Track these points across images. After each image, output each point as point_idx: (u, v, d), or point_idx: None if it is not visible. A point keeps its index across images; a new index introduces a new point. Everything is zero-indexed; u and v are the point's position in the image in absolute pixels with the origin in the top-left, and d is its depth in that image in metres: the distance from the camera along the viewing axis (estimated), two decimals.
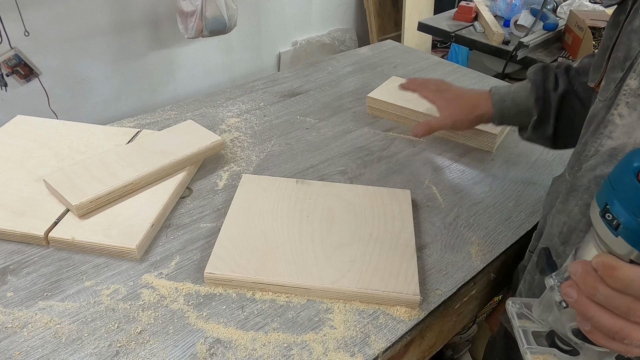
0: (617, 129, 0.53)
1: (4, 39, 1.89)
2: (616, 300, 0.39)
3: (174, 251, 0.76)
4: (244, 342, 0.63)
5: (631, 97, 0.51)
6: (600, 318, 0.41)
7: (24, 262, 0.73)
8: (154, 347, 0.62)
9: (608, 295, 0.39)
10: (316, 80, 1.33)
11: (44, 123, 1.01)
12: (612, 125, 0.53)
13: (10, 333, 0.63)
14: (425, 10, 3.34)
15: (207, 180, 0.92)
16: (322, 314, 0.67)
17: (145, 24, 2.36)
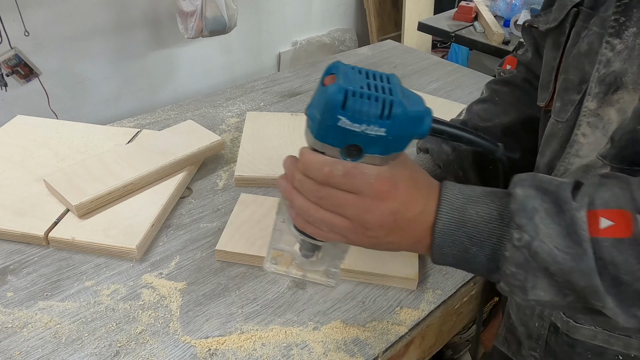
0: (583, 147, 0.56)
1: (4, 39, 1.89)
2: (304, 183, 0.46)
3: (174, 251, 0.76)
4: (244, 342, 0.63)
5: (591, 117, 0.55)
6: (296, 201, 0.48)
7: (24, 262, 0.73)
8: (154, 347, 0.62)
9: (299, 179, 0.46)
10: (316, 80, 1.33)
11: (44, 123, 1.01)
12: (577, 145, 0.57)
13: (10, 333, 0.63)
14: (425, 10, 3.34)
15: (207, 180, 0.92)
16: (322, 314, 0.67)
17: (145, 24, 2.36)
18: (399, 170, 0.46)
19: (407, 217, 0.47)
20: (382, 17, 3.35)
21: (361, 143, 0.42)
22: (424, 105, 0.44)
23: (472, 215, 0.45)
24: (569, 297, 0.43)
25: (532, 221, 0.42)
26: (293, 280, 0.72)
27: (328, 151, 0.44)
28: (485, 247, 0.45)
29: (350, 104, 0.40)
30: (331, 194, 0.46)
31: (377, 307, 0.69)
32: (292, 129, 1.05)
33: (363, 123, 0.41)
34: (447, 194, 0.47)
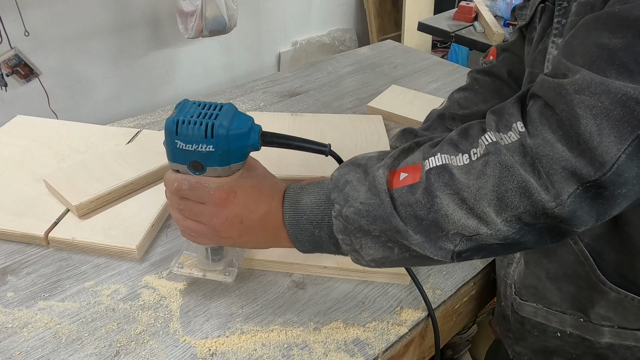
0: None
1: (4, 39, 1.89)
2: (170, 198, 0.57)
3: (174, 251, 0.76)
4: (244, 342, 0.63)
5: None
6: (171, 213, 0.58)
7: (24, 262, 0.73)
8: (154, 347, 0.62)
9: (168, 195, 0.57)
10: (316, 80, 1.33)
11: (44, 123, 1.01)
12: None
13: (10, 333, 0.63)
14: (425, 10, 3.34)
15: None
16: (322, 314, 0.67)
17: (145, 24, 2.36)
18: (241, 180, 0.55)
19: (253, 218, 0.55)
20: (382, 17, 3.35)
21: (200, 159, 0.53)
22: (249, 124, 0.53)
23: (308, 203, 0.54)
24: (395, 249, 0.50)
25: (342, 192, 0.51)
26: (293, 281, 0.72)
27: (180, 169, 0.55)
28: (323, 226, 0.53)
29: (181, 131, 0.51)
30: (187, 205, 0.55)
31: (377, 307, 0.69)
32: (292, 129, 1.05)
33: (193, 143, 0.51)
34: (289, 192, 0.56)
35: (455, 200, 0.45)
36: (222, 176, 0.54)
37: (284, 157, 0.95)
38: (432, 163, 0.47)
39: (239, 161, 0.54)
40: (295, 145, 0.57)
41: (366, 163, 0.52)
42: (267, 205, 0.55)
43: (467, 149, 0.46)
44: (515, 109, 0.45)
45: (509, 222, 0.44)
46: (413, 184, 0.47)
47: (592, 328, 0.62)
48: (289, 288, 0.71)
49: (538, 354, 0.70)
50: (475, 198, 0.44)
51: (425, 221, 0.47)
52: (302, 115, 1.10)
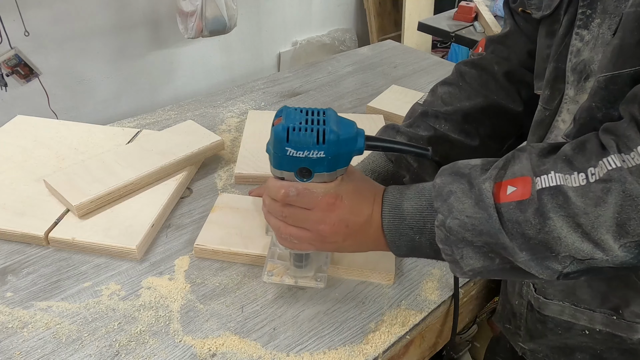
0: (562, 132, 0.59)
1: (4, 39, 1.89)
2: (272, 206, 0.57)
3: (174, 251, 0.76)
4: (244, 342, 0.63)
5: (571, 104, 0.58)
6: (269, 221, 0.58)
7: (24, 262, 0.73)
8: (154, 347, 0.62)
9: (268, 203, 0.57)
10: (316, 80, 1.33)
11: (44, 123, 1.01)
12: (557, 130, 0.60)
13: (10, 333, 0.63)
14: (425, 10, 3.34)
15: (207, 180, 0.92)
16: (322, 314, 0.67)
17: (145, 24, 2.36)
18: (344, 185, 0.55)
19: (358, 222, 0.55)
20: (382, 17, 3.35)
21: (309, 165, 0.53)
22: (355, 128, 0.54)
23: (409, 209, 0.53)
24: (496, 259, 0.49)
25: (447, 202, 0.50)
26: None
27: (286, 176, 0.55)
28: (425, 233, 0.53)
29: (292, 137, 0.51)
30: (291, 212, 0.55)
31: (377, 307, 0.69)
32: None
33: (305, 150, 0.51)
34: (388, 196, 0.56)
35: (569, 224, 0.43)
36: (327, 182, 0.54)
37: None
38: (545, 182, 0.45)
39: (344, 166, 0.55)
40: (397, 148, 0.58)
41: (469, 173, 0.50)
42: (370, 208, 0.55)
43: (584, 167, 0.43)
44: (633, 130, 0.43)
45: (627, 248, 0.42)
46: (522, 200, 0.45)
47: (625, 325, 0.61)
48: (289, 288, 0.71)
49: (556, 350, 0.69)
50: (592, 225, 0.42)
51: (534, 240, 0.45)
52: None
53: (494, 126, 0.77)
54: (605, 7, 0.54)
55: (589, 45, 0.55)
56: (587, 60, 0.56)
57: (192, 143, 0.92)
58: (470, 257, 0.50)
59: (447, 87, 0.80)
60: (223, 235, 0.76)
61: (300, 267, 0.65)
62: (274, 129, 0.52)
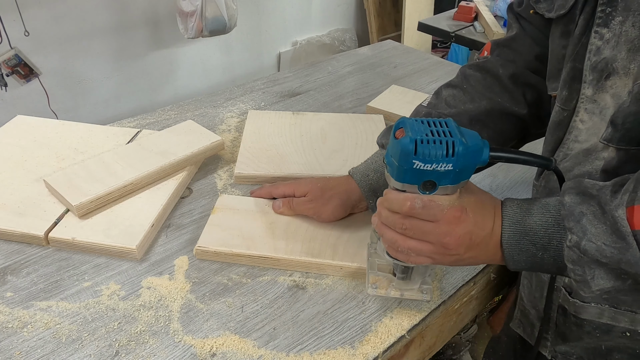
0: (582, 133, 0.59)
1: (4, 39, 1.89)
2: (389, 218, 0.56)
3: (174, 251, 0.76)
4: (244, 342, 0.63)
5: (589, 104, 0.58)
6: (385, 233, 0.57)
7: (24, 262, 0.73)
8: (154, 347, 0.62)
9: (386, 215, 0.56)
10: (316, 80, 1.33)
11: (44, 123, 1.01)
12: (576, 131, 0.60)
13: (10, 333, 0.63)
14: (425, 10, 3.34)
15: (207, 180, 0.92)
16: (322, 314, 0.67)
17: (145, 24, 2.36)
18: (467, 197, 0.54)
19: (481, 235, 0.54)
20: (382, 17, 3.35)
21: (434, 178, 0.51)
22: (480, 139, 0.52)
23: (532, 225, 0.53)
24: (628, 280, 0.48)
25: (580, 223, 0.49)
26: (293, 281, 0.72)
27: (408, 189, 0.53)
28: (549, 250, 0.52)
29: (420, 150, 0.49)
30: (414, 224, 0.54)
31: (377, 307, 0.69)
32: (293, 127, 1.05)
33: (433, 163, 0.50)
34: (507, 210, 0.55)
35: None
36: (449, 194, 0.53)
37: (284, 156, 0.95)
38: None
39: (467, 178, 0.53)
40: (522, 160, 0.55)
41: (599, 195, 0.50)
42: (491, 221, 0.55)
43: None
44: None
45: None
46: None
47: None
48: (289, 288, 0.71)
49: (591, 352, 0.68)
50: None
51: None
52: (304, 114, 1.10)
53: (497, 129, 0.77)
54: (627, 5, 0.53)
55: (610, 44, 0.55)
56: (609, 58, 0.55)
57: (192, 143, 0.92)
58: (601, 277, 0.49)
59: (452, 89, 0.80)
60: (224, 237, 0.76)
61: (404, 278, 0.64)
62: (399, 142, 0.50)
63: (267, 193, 0.84)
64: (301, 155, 0.96)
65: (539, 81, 0.75)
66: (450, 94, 0.80)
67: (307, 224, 0.79)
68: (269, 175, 0.90)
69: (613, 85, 0.56)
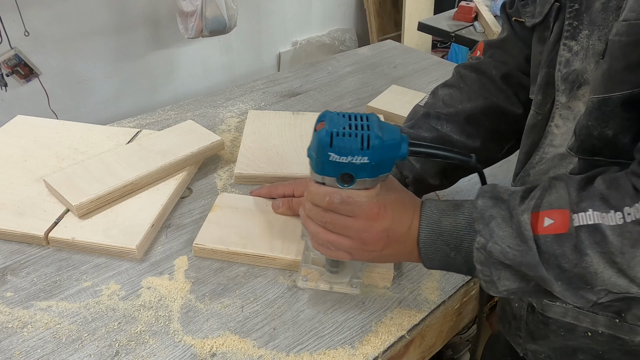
0: (557, 137, 0.61)
1: (4, 39, 1.89)
2: (312, 211, 0.56)
3: (174, 251, 0.76)
4: (244, 342, 0.63)
5: (563, 110, 0.60)
6: (309, 227, 0.58)
7: (24, 262, 0.73)
8: (154, 347, 0.62)
9: (309, 208, 0.57)
10: (316, 80, 1.33)
11: (44, 123, 1.01)
12: (551, 135, 0.62)
13: (10, 333, 0.63)
14: (425, 10, 3.34)
15: (207, 180, 0.92)
16: (322, 314, 0.68)
17: (145, 24, 2.36)
18: (387, 194, 0.56)
19: (399, 232, 0.56)
20: (382, 17, 3.35)
21: (351, 171, 0.52)
22: (399, 134, 0.53)
23: (447, 226, 0.54)
24: (532, 282, 0.51)
25: (488, 226, 0.51)
26: (293, 281, 0.72)
27: (327, 181, 0.54)
28: (461, 251, 0.53)
29: (336, 143, 0.50)
30: (334, 219, 0.55)
31: (377, 307, 0.69)
32: (293, 127, 1.05)
33: (349, 155, 0.51)
34: (425, 210, 0.56)
35: (606, 261, 0.45)
36: (368, 188, 0.54)
37: (284, 156, 0.95)
38: (583, 220, 0.46)
39: (387, 172, 0.54)
40: (441, 154, 0.57)
41: (509, 200, 0.52)
42: (410, 219, 0.56)
43: (620, 205, 0.45)
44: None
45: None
46: (560, 234, 0.47)
47: (627, 328, 0.61)
48: (289, 288, 0.71)
49: (558, 351, 0.69)
50: (629, 264, 0.44)
51: (569, 273, 0.47)
52: (304, 114, 1.10)
53: (494, 128, 0.77)
54: (592, 19, 0.55)
55: (579, 56, 0.57)
56: (579, 70, 0.57)
57: (192, 143, 0.92)
58: (507, 278, 0.51)
59: (448, 89, 0.81)
60: (222, 235, 0.76)
61: (335, 272, 0.65)
62: (317, 134, 0.51)
63: (266, 193, 0.84)
64: (301, 155, 0.96)
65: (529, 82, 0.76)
66: (447, 93, 0.80)
67: None
68: (269, 175, 0.90)
69: (585, 94, 0.57)
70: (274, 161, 0.94)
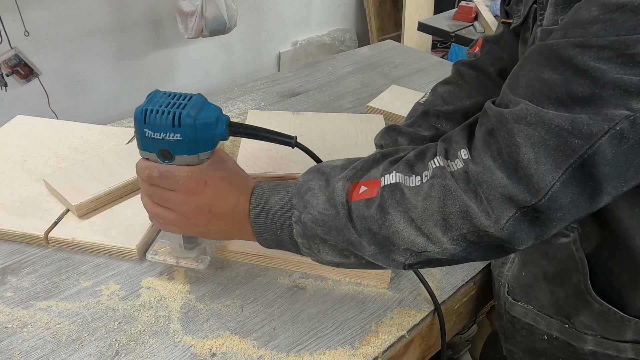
0: None
1: (4, 39, 1.89)
2: (142, 185, 0.58)
3: None
4: (244, 342, 0.63)
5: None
6: (142, 200, 0.60)
7: (24, 262, 0.73)
8: (154, 347, 0.62)
9: (140, 182, 0.59)
10: (316, 80, 1.33)
11: (44, 123, 1.01)
12: None
13: (10, 333, 0.63)
14: (425, 10, 3.34)
15: None
16: (322, 314, 0.68)
17: (145, 24, 2.36)
18: (211, 171, 0.57)
19: (222, 208, 0.56)
20: (382, 17, 3.35)
21: (168, 147, 0.54)
22: (217, 114, 0.55)
23: (273, 204, 0.55)
24: (351, 257, 0.53)
25: (303, 199, 0.53)
26: (293, 281, 0.72)
27: (150, 157, 0.56)
28: (285, 228, 0.55)
29: (149, 119, 0.53)
30: (156, 192, 0.57)
31: (377, 307, 0.69)
32: (293, 127, 1.05)
33: (161, 132, 0.53)
34: (257, 189, 0.57)
35: (405, 218, 0.47)
36: (191, 164, 0.56)
37: (284, 155, 0.95)
38: (387, 180, 0.49)
39: (207, 150, 0.56)
40: (261, 136, 0.59)
41: (329, 172, 0.54)
42: (236, 198, 0.57)
43: (420, 171, 0.48)
44: (462, 137, 0.48)
45: (455, 241, 0.46)
46: (370, 198, 0.49)
47: (576, 335, 0.62)
48: (289, 288, 0.71)
49: (527, 354, 0.70)
50: (422, 219, 0.46)
51: (378, 235, 0.49)
52: (304, 114, 1.10)
53: None
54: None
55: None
56: None
57: None
58: (327, 253, 0.53)
59: (447, 86, 0.81)
60: None
61: (190, 249, 0.68)
62: (135, 110, 0.54)
63: None
64: (301, 155, 0.95)
65: None
66: (446, 90, 0.81)
67: None
68: (269, 175, 0.90)
69: None
70: (274, 161, 0.94)
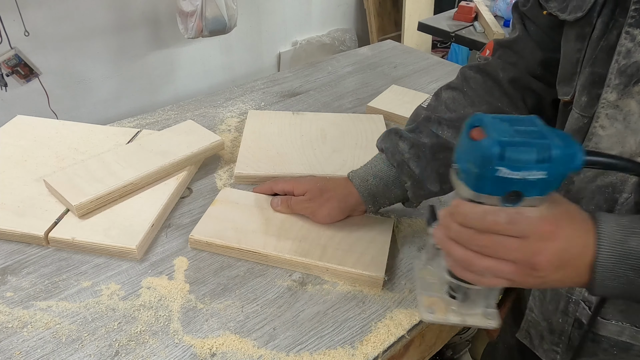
0: (602, 140, 0.56)
1: (4, 39, 1.89)
2: (461, 233, 0.47)
3: (174, 251, 0.76)
4: (244, 342, 0.63)
5: (610, 109, 0.54)
6: (454, 251, 0.48)
7: (24, 262, 0.73)
8: (154, 347, 0.62)
9: (457, 230, 0.47)
10: (316, 80, 1.33)
11: (44, 123, 1.01)
12: (596, 137, 0.56)
13: (10, 333, 0.63)
14: (425, 10, 3.34)
15: (207, 180, 0.92)
16: (322, 314, 0.68)
17: (145, 24, 2.36)
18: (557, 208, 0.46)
19: (573, 253, 0.47)
20: (382, 17, 3.35)
21: (521, 188, 0.43)
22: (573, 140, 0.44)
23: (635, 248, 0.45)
24: None
25: None
26: (293, 281, 0.72)
27: (486, 200, 0.45)
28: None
29: (508, 155, 0.41)
30: (495, 242, 0.46)
31: (377, 307, 0.69)
32: (293, 127, 1.05)
33: (523, 170, 0.42)
34: (604, 227, 0.47)
35: None
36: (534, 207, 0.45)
37: (284, 156, 0.95)
38: None
39: (556, 188, 0.45)
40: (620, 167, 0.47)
41: None
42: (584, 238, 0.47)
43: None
44: None
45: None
46: None
47: None
48: (289, 288, 0.71)
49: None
50: None
51: None
52: (304, 114, 1.10)
53: None
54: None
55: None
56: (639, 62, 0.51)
57: (192, 143, 0.92)
58: None
59: (452, 92, 0.79)
60: (219, 229, 0.77)
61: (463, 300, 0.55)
62: (480, 144, 0.42)
63: (267, 188, 0.84)
64: (301, 155, 0.96)
65: (539, 87, 0.74)
66: (450, 96, 0.78)
67: (302, 222, 0.79)
68: (269, 175, 0.90)
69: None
70: (274, 161, 0.94)
